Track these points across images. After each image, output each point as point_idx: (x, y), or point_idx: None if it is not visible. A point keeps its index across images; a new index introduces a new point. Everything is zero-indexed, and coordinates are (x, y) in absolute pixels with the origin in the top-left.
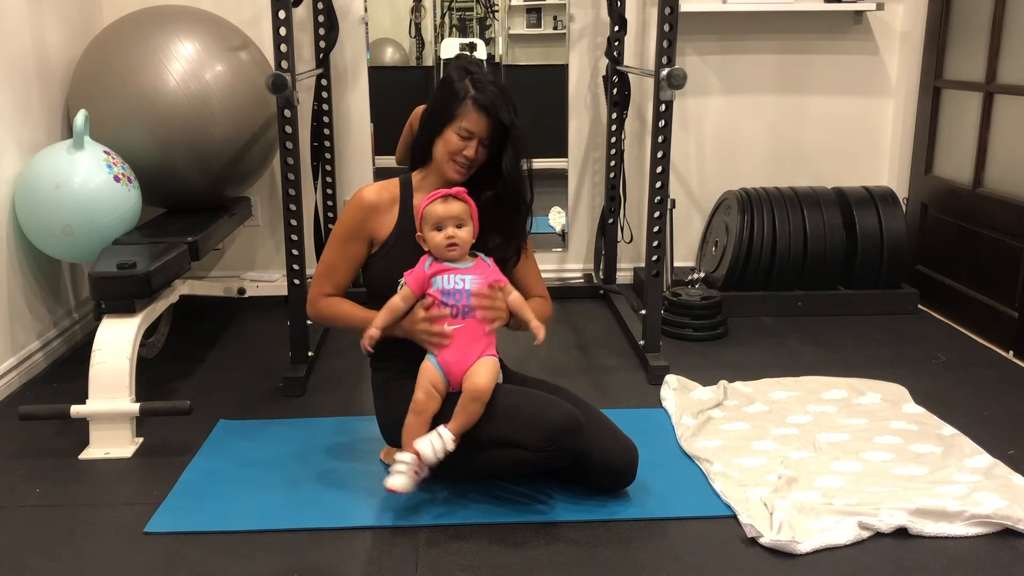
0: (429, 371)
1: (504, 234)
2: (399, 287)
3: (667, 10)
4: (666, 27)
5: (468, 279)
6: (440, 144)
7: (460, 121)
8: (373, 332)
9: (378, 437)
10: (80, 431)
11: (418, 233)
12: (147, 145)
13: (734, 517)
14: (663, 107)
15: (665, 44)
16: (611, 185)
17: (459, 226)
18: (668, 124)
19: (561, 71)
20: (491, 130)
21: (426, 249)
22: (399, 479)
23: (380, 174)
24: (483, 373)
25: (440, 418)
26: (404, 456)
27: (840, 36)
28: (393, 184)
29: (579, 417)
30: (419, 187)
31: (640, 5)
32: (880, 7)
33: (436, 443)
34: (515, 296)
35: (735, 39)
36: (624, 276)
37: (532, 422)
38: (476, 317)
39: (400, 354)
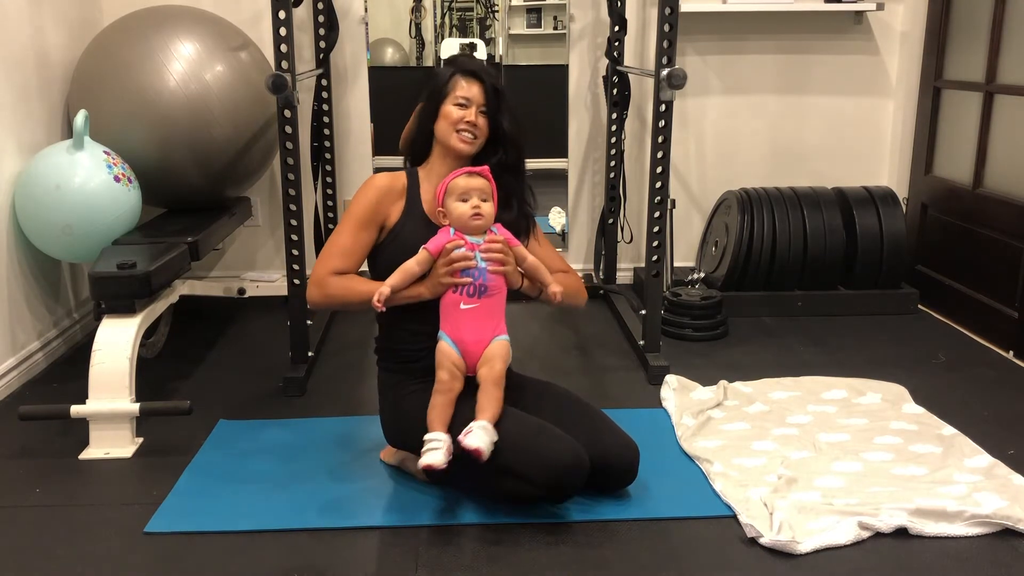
0: (447, 351)
1: (512, 204)
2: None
3: (667, 10)
4: (666, 27)
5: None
6: (440, 123)
7: (454, 93)
8: (385, 290)
9: (378, 437)
10: (80, 431)
11: (439, 208)
12: (147, 145)
13: (734, 517)
14: (663, 107)
15: (665, 44)
16: (611, 185)
17: (484, 200)
18: (668, 124)
19: (561, 71)
20: (485, 95)
21: (445, 224)
22: (435, 455)
23: None
24: (499, 358)
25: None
26: (434, 435)
27: (840, 36)
28: (400, 175)
29: (585, 458)
30: (426, 178)
31: (640, 5)
32: (880, 7)
33: (484, 437)
34: (532, 260)
35: (735, 39)
36: (624, 276)
37: (541, 459)
38: (489, 295)
39: (409, 358)
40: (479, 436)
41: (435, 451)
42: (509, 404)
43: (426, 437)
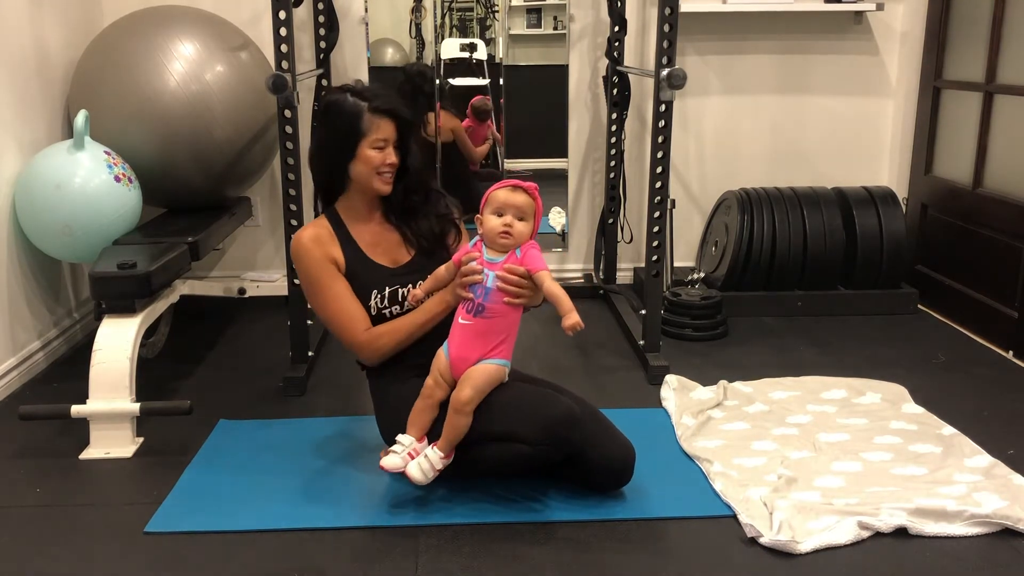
0: (440, 360)
1: (430, 220)
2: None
3: (667, 10)
4: (666, 27)
5: (492, 276)
6: (358, 165)
7: (370, 135)
8: (418, 293)
9: (378, 437)
10: (80, 431)
11: (477, 215)
12: (147, 145)
13: (734, 517)
14: (663, 107)
15: (665, 44)
16: (611, 185)
17: (520, 219)
18: (668, 124)
19: (561, 71)
20: (398, 132)
21: (479, 233)
22: (394, 459)
23: None
24: (470, 383)
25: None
26: (403, 438)
27: (840, 36)
28: (320, 221)
29: (576, 410)
30: (347, 215)
31: (640, 5)
32: (880, 7)
33: (424, 464)
34: (550, 287)
35: (735, 39)
36: (624, 276)
37: (530, 415)
38: (486, 316)
39: (396, 361)
40: (415, 466)
41: (395, 455)
42: None
43: (397, 437)
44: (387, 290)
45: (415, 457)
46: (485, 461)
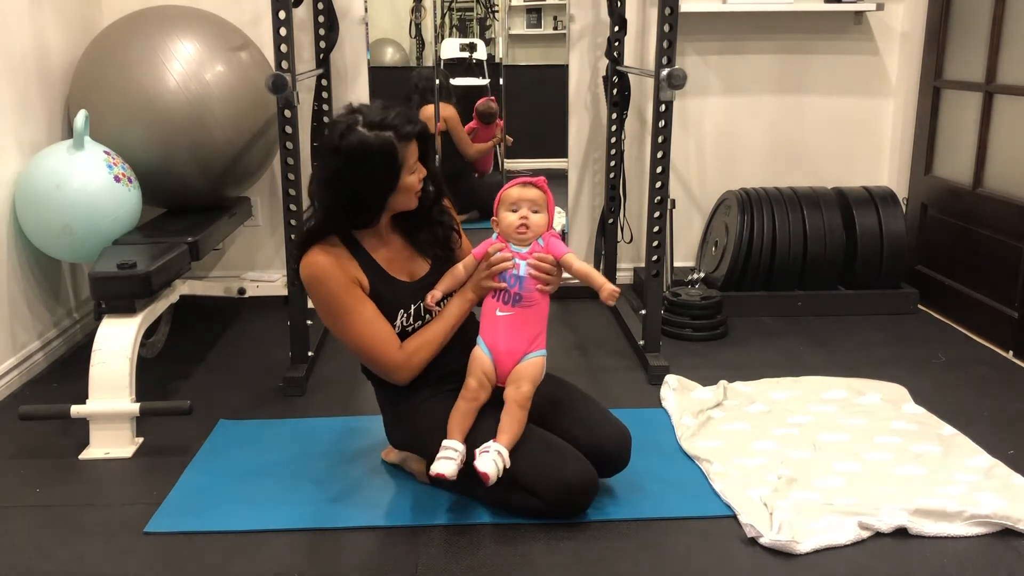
0: (480, 359)
1: (434, 227)
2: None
3: (667, 10)
4: (666, 27)
5: (523, 264)
6: (399, 196)
7: (407, 163)
8: (436, 294)
9: (379, 437)
10: (80, 431)
11: (493, 218)
12: (147, 145)
13: (734, 517)
14: (663, 107)
15: (665, 44)
16: (611, 185)
17: (535, 212)
18: (668, 124)
19: (561, 71)
20: (420, 147)
21: (497, 232)
22: (447, 464)
23: None
24: (528, 379)
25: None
26: (451, 443)
27: (840, 36)
28: (333, 241)
29: (595, 477)
30: (362, 234)
31: (640, 5)
32: (880, 7)
33: (498, 461)
34: (579, 266)
35: (735, 39)
36: (624, 276)
37: (551, 476)
38: (524, 305)
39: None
40: (490, 461)
41: (448, 460)
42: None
43: (444, 443)
44: (412, 308)
45: (463, 463)
46: (499, 501)
